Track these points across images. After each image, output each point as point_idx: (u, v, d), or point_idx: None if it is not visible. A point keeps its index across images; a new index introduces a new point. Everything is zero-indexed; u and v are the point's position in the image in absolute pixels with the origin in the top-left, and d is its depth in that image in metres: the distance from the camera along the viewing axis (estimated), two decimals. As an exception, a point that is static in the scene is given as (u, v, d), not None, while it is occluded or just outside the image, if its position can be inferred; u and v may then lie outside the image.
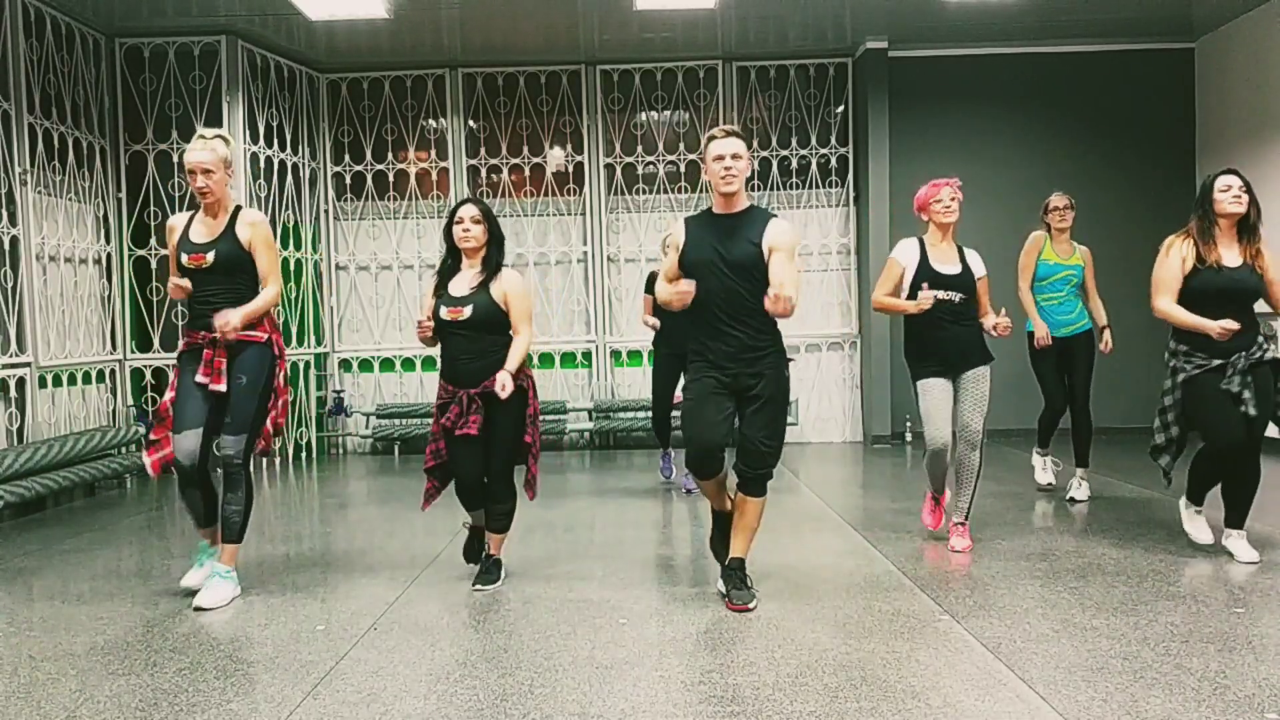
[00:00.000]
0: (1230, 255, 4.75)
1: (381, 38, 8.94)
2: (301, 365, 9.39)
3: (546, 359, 9.94)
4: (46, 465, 6.87)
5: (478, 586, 4.66)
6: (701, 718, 3.08)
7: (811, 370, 9.96)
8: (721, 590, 4.37)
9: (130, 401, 8.59)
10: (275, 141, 9.14)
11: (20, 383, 7.21)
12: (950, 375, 5.14)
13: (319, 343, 9.78)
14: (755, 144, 9.94)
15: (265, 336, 4.54)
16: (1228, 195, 4.75)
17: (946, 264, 5.14)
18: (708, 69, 9.86)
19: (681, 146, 9.94)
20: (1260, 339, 4.74)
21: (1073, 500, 6.44)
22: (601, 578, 4.80)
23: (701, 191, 9.84)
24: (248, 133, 8.70)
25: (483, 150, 9.94)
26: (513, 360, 4.47)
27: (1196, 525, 5.05)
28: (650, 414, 7.83)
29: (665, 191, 9.94)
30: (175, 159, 8.61)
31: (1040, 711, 3.07)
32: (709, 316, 4.23)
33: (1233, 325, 4.58)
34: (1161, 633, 3.77)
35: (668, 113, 9.97)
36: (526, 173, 9.98)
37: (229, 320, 4.33)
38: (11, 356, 7.12)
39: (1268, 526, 5.59)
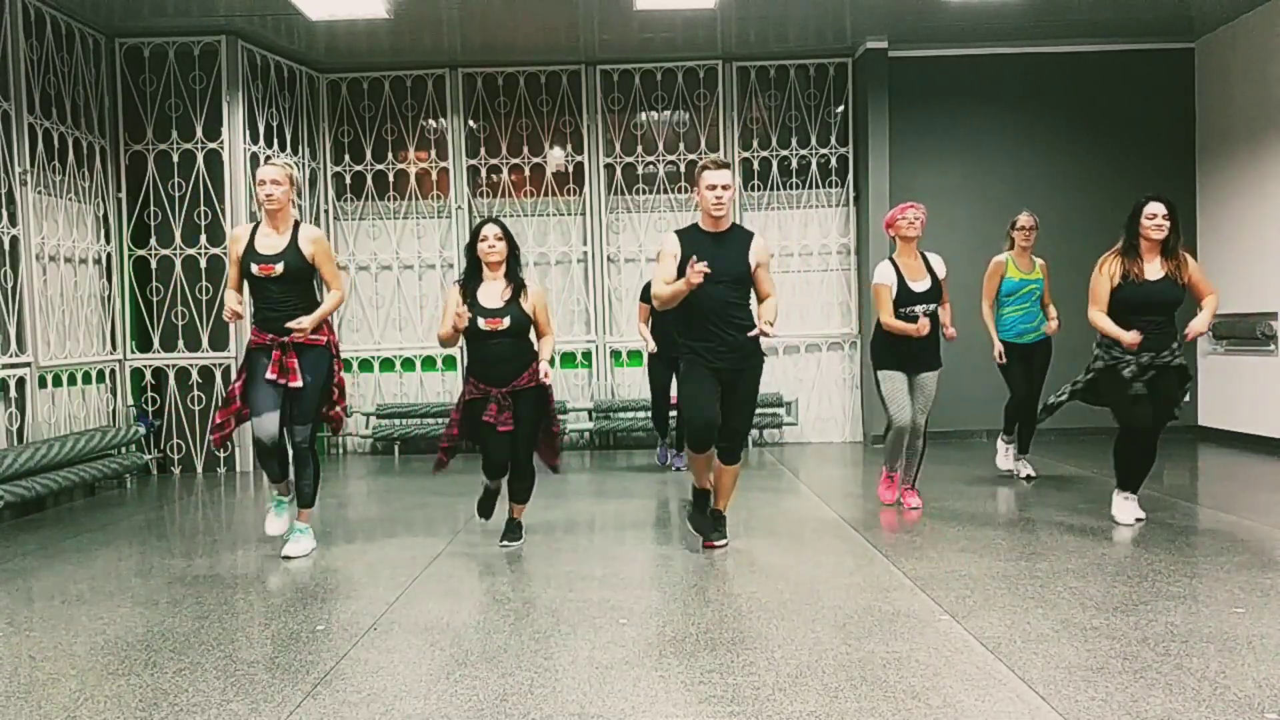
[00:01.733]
0: (1152, 269, 5.48)
1: (381, 38, 8.94)
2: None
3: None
4: (46, 465, 6.87)
5: (504, 543, 5.46)
6: (701, 718, 3.08)
7: (811, 370, 9.96)
8: (689, 527, 5.48)
9: (130, 401, 8.59)
10: (275, 141, 9.14)
11: (20, 383, 7.21)
12: (907, 371, 6.04)
13: (319, 343, 9.77)
14: (755, 144, 9.95)
15: (325, 340, 5.28)
16: (1152, 223, 5.46)
17: (918, 280, 5.97)
18: (708, 69, 9.86)
19: (681, 146, 9.94)
20: (1174, 345, 5.50)
21: (1029, 478, 7.20)
22: (601, 578, 4.80)
23: (701, 191, 9.81)
24: (248, 133, 8.70)
25: (483, 150, 9.94)
26: (546, 354, 5.33)
27: (1122, 508, 5.71)
28: (650, 413, 8.11)
29: (665, 191, 9.95)
30: (175, 159, 8.61)
31: (1040, 711, 3.07)
32: (704, 320, 5.03)
33: (1137, 338, 5.34)
34: (1161, 633, 3.77)
35: (668, 113, 9.97)
36: (526, 173, 9.98)
37: (303, 324, 5.10)
38: (11, 356, 7.12)
39: (1267, 526, 5.60)
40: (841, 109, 9.92)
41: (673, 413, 8.05)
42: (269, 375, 5.15)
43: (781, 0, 8.31)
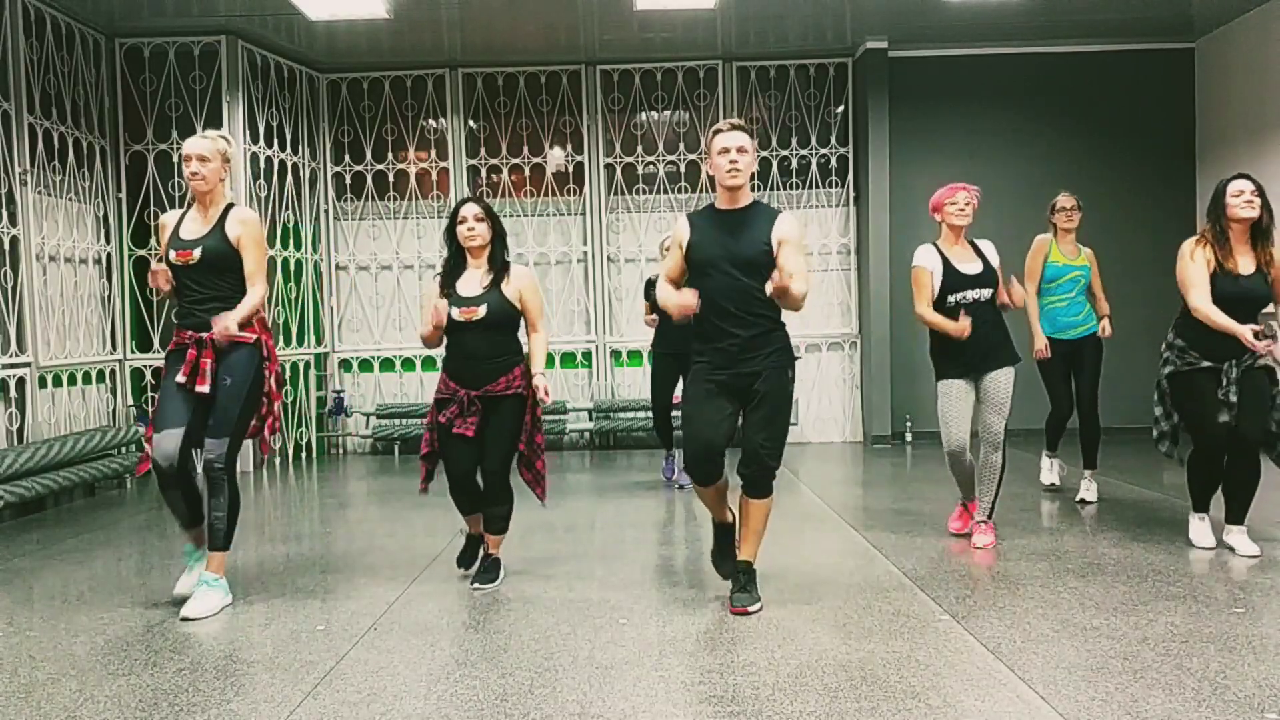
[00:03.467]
0: (1245, 263, 4.81)
1: (381, 38, 8.94)
2: (301, 365, 9.39)
3: (546, 359, 9.91)
4: (46, 465, 6.87)
5: (476, 585, 4.64)
6: (701, 718, 3.08)
7: (811, 370, 9.96)
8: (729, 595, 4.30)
9: (130, 401, 8.58)
10: (275, 141, 9.14)
11: (20, 383, 7.20)
12: (971, 376, 5.15)
13: (319, 343, 9.78)
14: (755, 144, 9.92)
15: (254, 337, 4.41)
16: (1239, 200, 4.78)
17: (967, 264, 5.14)
18: (708, 69, 9.86)
19: (681, 146, 9.94)
20: None
21: (1083, 501, 6.41)
22: (601, 578, 4.80)
23: (701, 191, 9.83)
24: (248, 133, 8.70)
25: (483, 150, 9.94)
26: (539, 361, 4.61)
27: (1199, 531, 5.12)
28: (651, 415, 7.89)
29: (665, 191, 9.94)
30: (175, 159, 8.59)
31: (1040, 711, 3.07)
32: (715, 314, 4.11)
33: (1259, 339, 4.61)
34: (1161, 633, 3.77)
35: (668, 113, 9.97)
36: (526, 173, 9.98)
37: (227, 326, 4.24)
38: (11, 356, 7.11)
39: (1267, 526, 5.59)
40: (841, 109, 9.92)
41: (676, 414, 7.88)
42: (179, 377, 4.32)
43: (781, 0, 8.31)
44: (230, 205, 4.52)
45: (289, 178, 9.35)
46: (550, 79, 9.87)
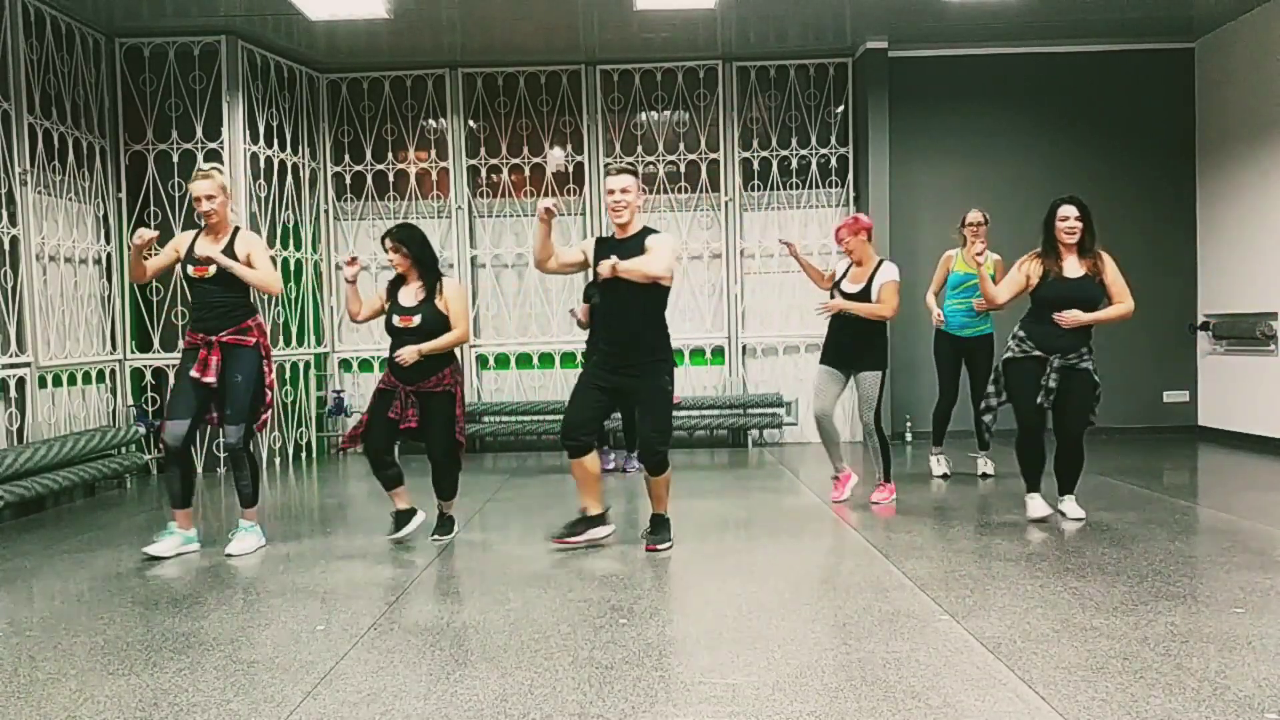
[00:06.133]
0: (1071, 267, 5.53)
1: (381, 38, 8.94)
2: (301, 365, 9.39)
3: (546, 359, 9.95)
4: (46, 465, 6.87)
5: (435, 537, 5.63)
6: (701, 718, 3.08)
7: (811, 370, 9.90)
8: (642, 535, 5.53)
9: (130, 401, 8.58)
10: (275, 141, 9.14)
11: (20, 383, 7.20)
12: (842, 369, 6.38)
13: (319, 343, 9.78)
14: (755, 144, 9.95)
15: (254, 341, 5.33)
16: (1064, 226, 5.50)
17: (853, 283, 6.33)
18: (708, 69, 9.86)
19: (681, 146, 9.94)
20: (1084, 349, 5.52)
21: (984, 475, 7.37)
22: (601, 578, 4.80)
23: (701, 191, 9.86)
24: (248, 133, 8.70)
25: (483, 150, 9.94)
26: (437, 342, 5.31)
27: (1033, 504, 5.77)
28: None
29: (665, 191, 9.94)
30: (175, 159, 8.61)
31: (1040, 711, 3.07)
32: (608, 325, 5.17)
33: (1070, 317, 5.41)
34: (1161, 633, 3.77)
35: (668, 113, 9.96)
36: (526, 173, 9.98)
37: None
38: (11, 356, 7.11)
39: (1267, 526, 5.59)
40: (841, 109, 9.92)
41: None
42: (193, 373, 5.22)
43: (781, 0, 8.31)
44: (237, 229, 5.42)
45: (289, 178, 9.35)
46: (550, 79, 9.87)
